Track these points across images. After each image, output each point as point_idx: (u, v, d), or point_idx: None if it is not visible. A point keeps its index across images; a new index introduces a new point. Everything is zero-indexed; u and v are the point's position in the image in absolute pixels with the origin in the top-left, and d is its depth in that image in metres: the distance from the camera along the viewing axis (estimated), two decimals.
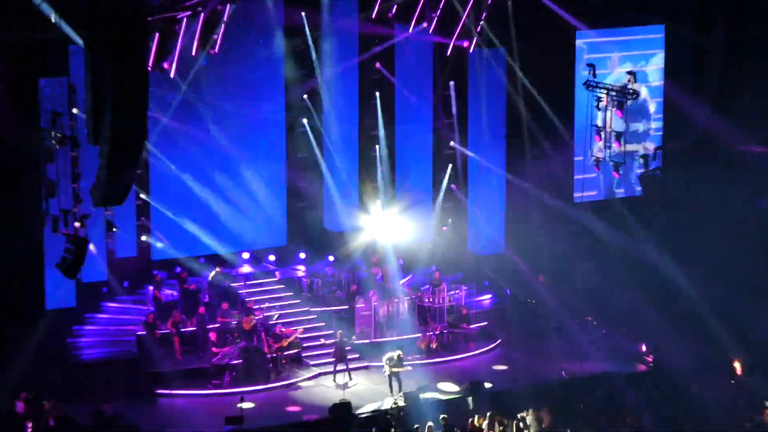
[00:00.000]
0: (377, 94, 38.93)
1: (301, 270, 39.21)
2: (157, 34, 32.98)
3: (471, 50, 38.57)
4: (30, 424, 29.72)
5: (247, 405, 31.07)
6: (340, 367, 34.00)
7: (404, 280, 38.99)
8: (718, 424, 30.04)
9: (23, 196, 31.77)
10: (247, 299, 36.70)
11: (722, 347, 33.88)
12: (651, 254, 36.80)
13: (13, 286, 32.23)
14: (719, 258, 35.84)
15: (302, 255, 39.50)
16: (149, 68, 30.42)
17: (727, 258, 35.90)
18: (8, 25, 29.37)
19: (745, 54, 39.26)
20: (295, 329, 35.13)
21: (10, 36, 29.37)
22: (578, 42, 39.02)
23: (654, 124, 40.72)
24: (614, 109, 35.66)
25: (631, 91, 35.83)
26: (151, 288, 36.40)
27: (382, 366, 33.34)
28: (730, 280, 35.29)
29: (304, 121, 38.64)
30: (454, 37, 38.10)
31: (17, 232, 31.83)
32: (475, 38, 38.21)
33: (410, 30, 37.74)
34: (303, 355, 35.21)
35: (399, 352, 33.40)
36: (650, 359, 35.20)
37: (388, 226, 39.57)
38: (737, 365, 33.14)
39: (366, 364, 34.99)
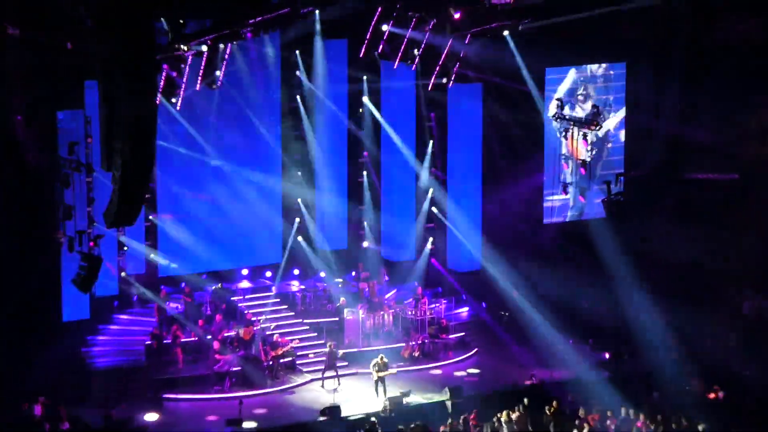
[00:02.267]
0: (365, 125, 39.15)
1: (295, 285, 39.22)
2: (165, 71, 33.42)
3: (450, 85, 38.78)
4: (48, 426, 29.71)
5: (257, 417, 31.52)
6: (329, 373, 34.13)
7: (389, 294, 39.16)
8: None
9: (42, 219, 31.90)
10: (246, 312, 36.67)
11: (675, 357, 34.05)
12: (613, 271, 36.96)
13: (32, 301, 32.17)
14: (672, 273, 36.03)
15: (296, 271, 39.61)
16: (157, 102, 30.75)
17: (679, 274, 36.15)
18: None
19: (701, 89, 39.42)
20: (291, 340, 35.27)
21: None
22: (548, 76, 39.21)
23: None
24: (580, 139, 35.85)
25: (595, 123, 35.98)
26: (155, 305, 36.24)
27: (370, 373, 33.43)
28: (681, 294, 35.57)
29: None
30: (435, 73, 38.34)
31: (37, 251, 31.90)
32: (453, 74, 38.49)
33: (395, 67, 37.88)
34: (297, 362, 35.21)
35: (381, 355, 33.76)
36: (612, 366, 35.20)
37: (374, 246, 39.99)
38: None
39: (354, 371, 34.93)
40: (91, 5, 24.82)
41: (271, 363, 34.34)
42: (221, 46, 34.19)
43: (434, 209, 40.39)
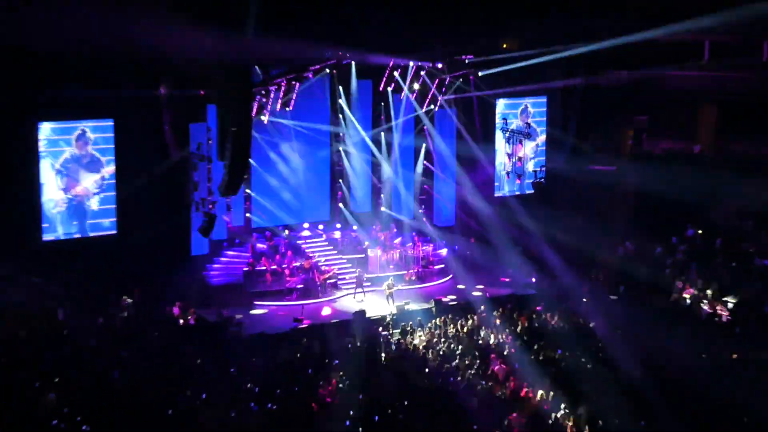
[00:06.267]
0: (382, 134, 38.68)
1: (337, 234, 38.91)
2: (258, 97, 33.54)
3: (436, 109, 38.75)
4: (181, 320, 30.26)
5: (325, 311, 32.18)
6: (359, 290, 34.39)
7: (397, 240, 38.96)
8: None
9: (180, 190, 32.31)
10: (306, 250, 36.75)
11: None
12: (537, 225, 36.46)
13: (172, 242, 32.51)
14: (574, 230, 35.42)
15: (338, 225, 39.30)
16: (253, 117, 30.93)
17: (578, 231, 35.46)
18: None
19: (592, 113, 39.21)
20: (332, 268, 35.46)
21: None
22: (498, 107, 38.96)
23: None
24: (517, 143, 35.88)
25: (527, 133, 36.03)
26: (250, 245, 36.38)
27: (383, 290, 33.68)
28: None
29: (340, 148, 38.44)
30: (426, 102, 38.29)
31: (177, 212, 32.33)
32: (439, 102, 38.42)
33: (401, 97, 37.86)
34: (338, 282, 35.38)
35: (391, 278, 34.10)
36: (537, 286, 34.52)
37: (387, 210, 39.68)
38: None
39: (374, 288, 35.00)
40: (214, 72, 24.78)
41: (321, 282, 34.47)
42: (293, 83, 34.53)
43: (426, 186, 40.19)
